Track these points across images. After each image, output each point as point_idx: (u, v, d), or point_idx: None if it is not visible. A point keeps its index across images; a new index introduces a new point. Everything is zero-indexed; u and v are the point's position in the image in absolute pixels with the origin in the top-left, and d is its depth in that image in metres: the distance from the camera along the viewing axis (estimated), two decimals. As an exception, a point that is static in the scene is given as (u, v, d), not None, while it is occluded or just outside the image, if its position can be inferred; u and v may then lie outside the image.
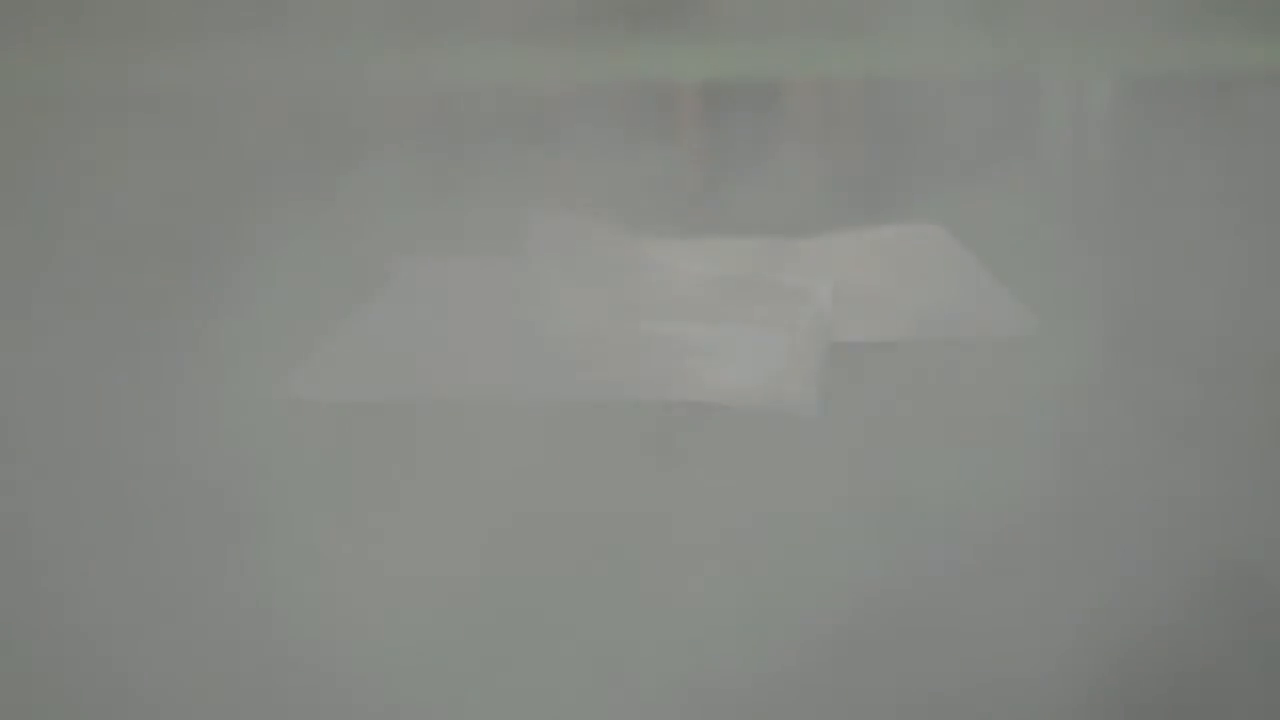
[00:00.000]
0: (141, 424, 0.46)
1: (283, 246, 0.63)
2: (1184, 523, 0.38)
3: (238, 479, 0.42)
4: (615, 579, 0.36)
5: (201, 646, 0.33)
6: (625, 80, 0.98)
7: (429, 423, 0.45)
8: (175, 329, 0.54)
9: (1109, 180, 0.72)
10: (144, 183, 0.75)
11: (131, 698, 0.31)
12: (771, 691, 0.32)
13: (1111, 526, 0.39)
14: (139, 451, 0.44)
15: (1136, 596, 0.35)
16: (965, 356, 0.50)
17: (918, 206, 0.68)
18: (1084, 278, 0.58)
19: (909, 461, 0.43)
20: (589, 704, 0.31)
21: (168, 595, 0.36)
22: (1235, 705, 0.30)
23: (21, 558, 0.37)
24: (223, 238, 0.65)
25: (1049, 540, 0.38)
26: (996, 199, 0.69)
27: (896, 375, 0.48)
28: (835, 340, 0.50)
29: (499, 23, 1.26)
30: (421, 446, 0.44)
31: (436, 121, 0.87)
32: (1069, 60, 1.10)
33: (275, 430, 0.45)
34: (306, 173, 0.76)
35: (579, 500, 0.41)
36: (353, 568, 0.37)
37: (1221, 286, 0.56)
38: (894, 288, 0.55)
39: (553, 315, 0.52)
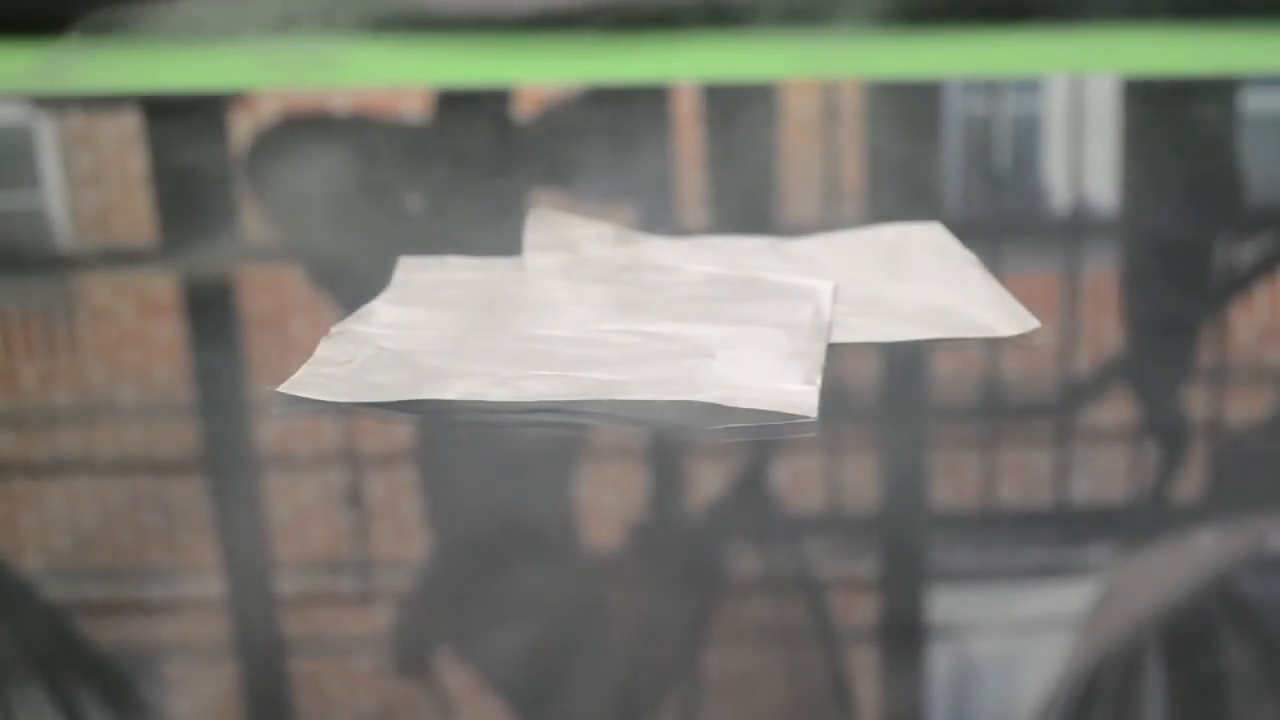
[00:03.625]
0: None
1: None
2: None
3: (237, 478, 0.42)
4: (615, 579, 0.36)
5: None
6: (625, 80, 0.98)
7: (427, 423, 0.45)
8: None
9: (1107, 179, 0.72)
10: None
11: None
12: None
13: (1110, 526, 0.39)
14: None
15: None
16: (965, 356, 0.50)
17: (918, 206, 0.68)
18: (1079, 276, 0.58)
19: (908, 461, 0.43)
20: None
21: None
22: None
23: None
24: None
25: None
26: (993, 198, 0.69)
27: (896, 375, 0.48)
28: (835, 340, 0.50)
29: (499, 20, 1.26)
30: (420, 447, 0.44)
31: (435, 120, 0.87)
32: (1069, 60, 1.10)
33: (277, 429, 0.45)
34: (303, 172, 0.76)
35: (579, 501, 0.41)
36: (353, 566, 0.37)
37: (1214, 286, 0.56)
38: (894, 288, 0.55)
39: (553, 315, 0.52)
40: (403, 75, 1.12)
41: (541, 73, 1.13)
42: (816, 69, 1.12)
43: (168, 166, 0.78)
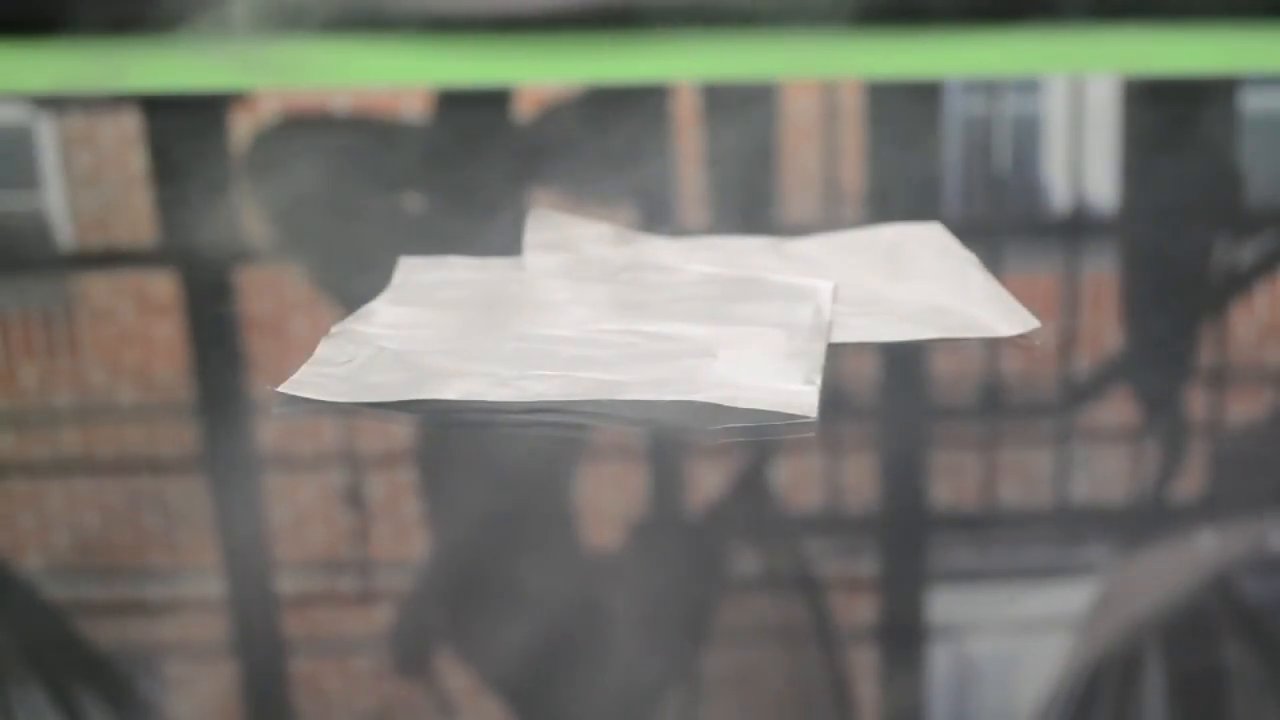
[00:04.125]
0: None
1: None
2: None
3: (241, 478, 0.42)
4: (615, 579, 0.36)
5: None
6: (625, 80, 0.98)
7: (427, 423, 0.45)
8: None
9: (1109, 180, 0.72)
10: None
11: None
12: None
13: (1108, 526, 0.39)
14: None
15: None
16: (965, 356, 0.50)
17: (918, 206, 0.68)
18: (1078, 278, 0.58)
19: (908, 461, 0.43)
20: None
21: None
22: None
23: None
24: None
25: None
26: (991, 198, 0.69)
27: (896, 375, 0.48)
28: (835, 340, 0.50)
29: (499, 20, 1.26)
30: (420, 447, 0.44)
31: (434, 120, 0.87)
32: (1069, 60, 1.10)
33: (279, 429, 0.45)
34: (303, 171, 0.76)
35: (579, 501, 0.41)
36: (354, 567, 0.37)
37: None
38: (894, 288, 0.55)
39: (553, 315, 0.52)
40: (403, 75, 1.12)
41: (541, 73, 1.13)
42: (815, 69, 1.12)
43: (168, 166, 0.78)
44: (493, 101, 0.91)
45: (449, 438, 0.44)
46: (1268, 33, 1.21)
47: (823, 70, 1.10)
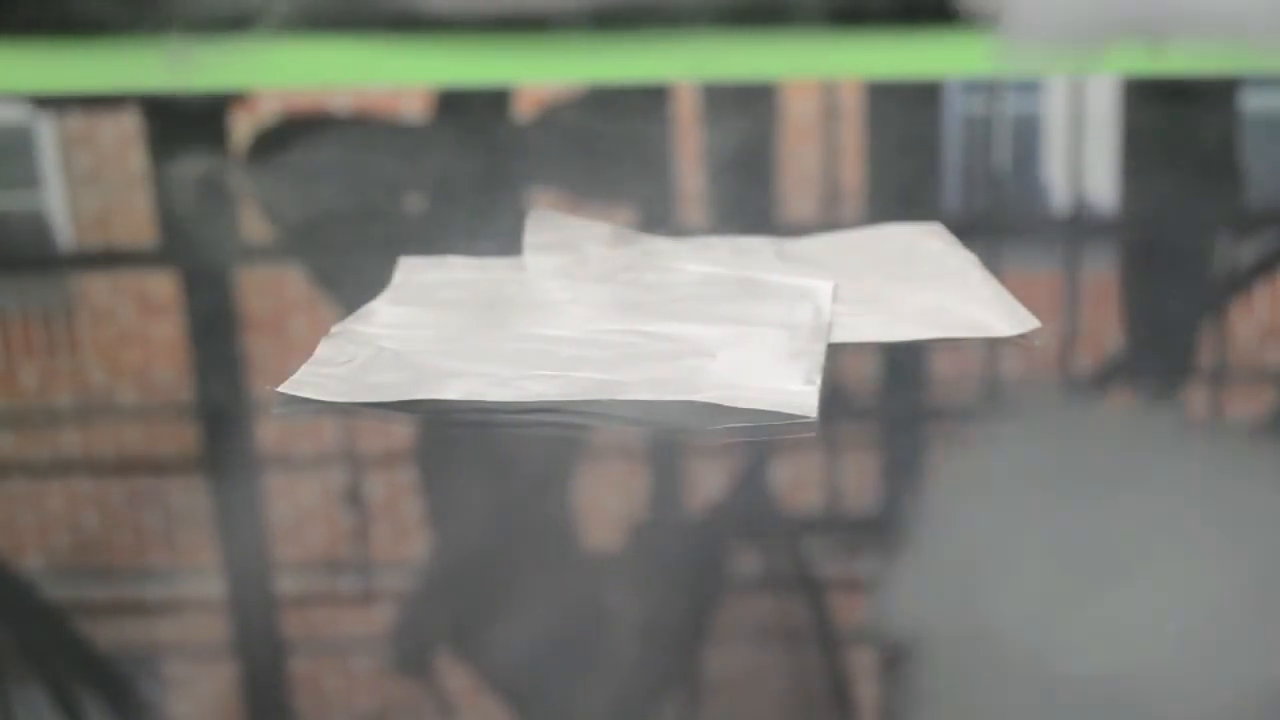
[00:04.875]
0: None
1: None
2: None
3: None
4: (615, 579, 0.36)
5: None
6: (625, 80, 0.98)
7: (427, 423, 0.45)
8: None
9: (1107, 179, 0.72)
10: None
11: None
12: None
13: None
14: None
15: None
16: (965, 356, 0.50)
17: (918, 206, 0.68)
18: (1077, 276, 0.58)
19: (908, 461, 0.43)
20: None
21: (167, 595, 0.36)
22: None
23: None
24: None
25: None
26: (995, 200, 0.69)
27: (896, 375, 0.48)
28: (835, 340, 0.50)
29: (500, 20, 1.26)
30: (420, 447, 0.44)
31: (434, 120, 0.87)
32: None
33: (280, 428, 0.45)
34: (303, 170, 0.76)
35: (578, 501, 0.41)
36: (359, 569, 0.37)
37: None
38: (894, 288, 0.55)
39: (553, 315, 0.52)
40: (403, 75, 1.12)
41: (541, 73, 1.13)
42: (816, 69, 1.12)
43: (168, 166, 0.78)
44: (493, 101, 0.91)
45: (449, 438, 0.44)
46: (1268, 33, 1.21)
47: (823, 70, 1.10)
